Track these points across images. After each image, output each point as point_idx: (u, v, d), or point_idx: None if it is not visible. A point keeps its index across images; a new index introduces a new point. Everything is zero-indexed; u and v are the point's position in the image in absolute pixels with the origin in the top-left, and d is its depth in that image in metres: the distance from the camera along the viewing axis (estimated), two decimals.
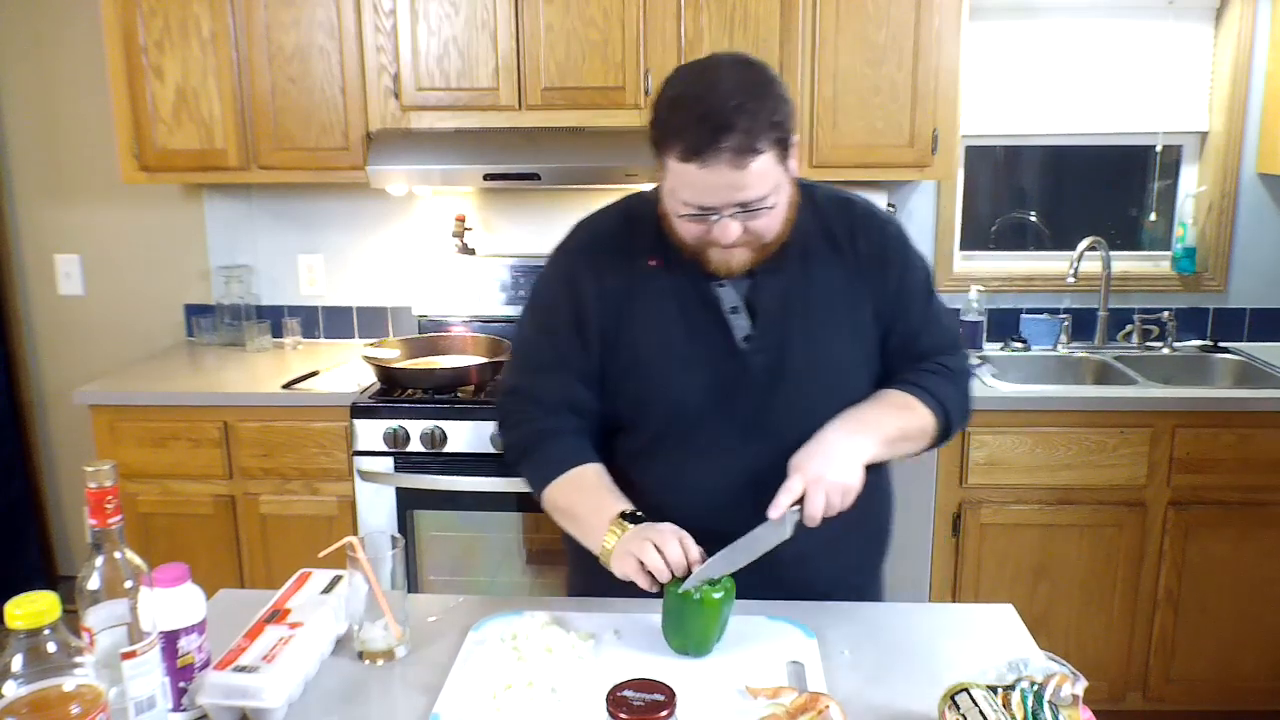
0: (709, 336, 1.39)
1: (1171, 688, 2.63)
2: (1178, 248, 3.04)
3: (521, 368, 1.49)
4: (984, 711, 1.00)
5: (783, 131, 1.25)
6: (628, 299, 1.41)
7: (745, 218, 1.28)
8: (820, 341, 1.40)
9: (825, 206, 1.44)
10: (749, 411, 1.39)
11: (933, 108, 2.64)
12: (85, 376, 2.95)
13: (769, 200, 1.27)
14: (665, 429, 1.41)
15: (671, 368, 1.39)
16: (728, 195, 1.25)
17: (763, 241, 1.33)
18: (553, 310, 1.45)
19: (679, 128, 1.24)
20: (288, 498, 2.61)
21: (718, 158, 1.21)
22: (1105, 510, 2.54)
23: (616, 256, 1.42)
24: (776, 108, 1.25)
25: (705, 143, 1.21)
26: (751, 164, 1.22)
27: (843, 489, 1.29)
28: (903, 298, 1.44)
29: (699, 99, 1.24)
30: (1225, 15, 2.94)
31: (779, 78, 1.29)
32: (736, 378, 1.39)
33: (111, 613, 1.02)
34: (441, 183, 2.77)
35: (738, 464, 1.39)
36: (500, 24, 2.63)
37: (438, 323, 3.02)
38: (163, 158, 2.76)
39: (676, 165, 1.25)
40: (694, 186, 1.26)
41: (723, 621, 1.25)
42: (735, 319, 1.39)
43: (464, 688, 1.18)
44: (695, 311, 1.39)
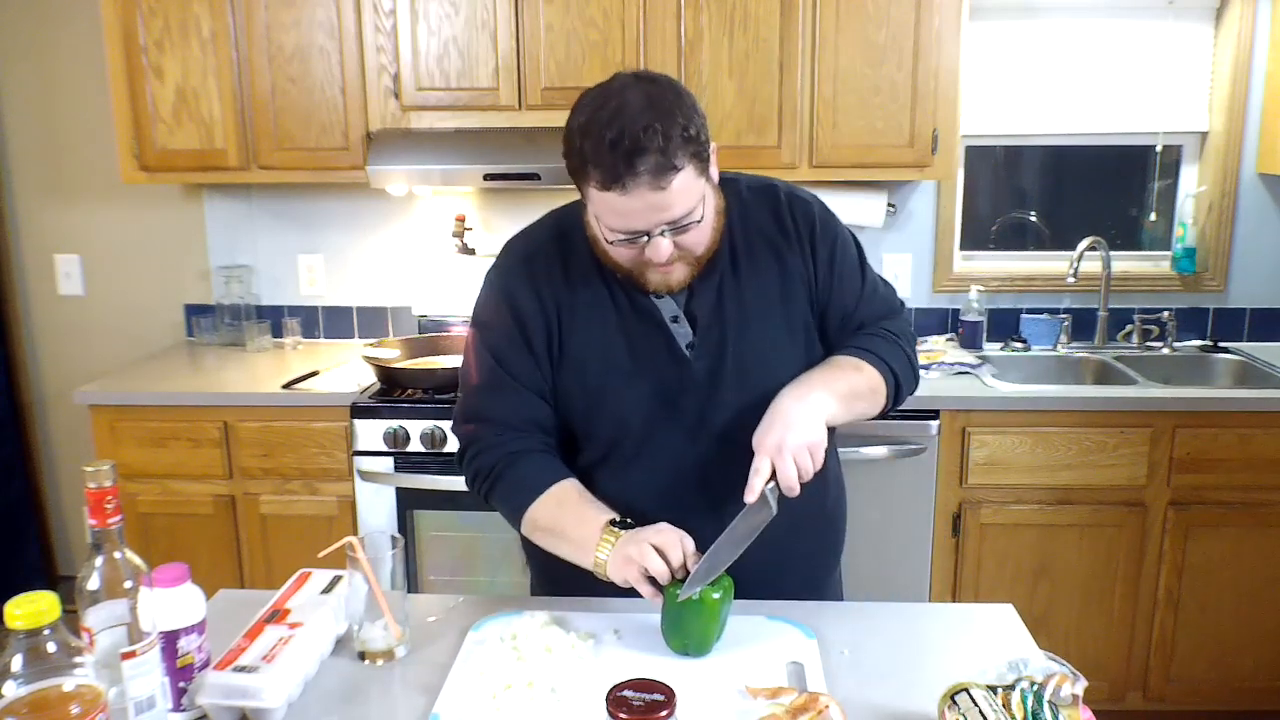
0: (652, 347, 1.39)
1: (1171, 688, 2.63)
2: (1178, 248, 3.04)
3: (476, 392, 1.45)
4: (984, 711, 1.00)
5: (697, 144, 1.24)
6: (568, 315, 1.40)
7: (675, 234, 1.27)
8: (759, 339, 1.40)
9: (749, 199, 1.44)
10: (696, 416, 1.39)
11: (933, 108, 2.64)
12: (85, 377, 2.96)
13: (695, 214, 1.27)
14: (614, 441, 1.42)
15: (618, 381, 1.39)
16: (653, 217, 1.24)
17: (696, 255, 1.33)
18: (497, 330, 1.42)
19: (593, 156, 1.22)
20: (288, 498, 2.61)
21: (636, 182, 1.20)
22: (1105, 510, 2.54)
23: (551, 272, 1.41)
24: (688, 121, 1.23)
25: (622, 169, 1.20)
26: (672, 182, 1.21)
27: (808, 447, 1.27)
28: (836, 276, 1.44)
29: (607, 124, 1.21)
30: (1225, 15, 2.94)
31: (686, 90, 1.28)
32: (682, 386, 1.39)
33: (111, 613, 1.02)
34: (441, 183, 2.77)
35: (688, 467, 1.40)
36: (500, 24, 2.63)
37: (438, 323, 3.02)
38: (163, 158, 2.76)
39: (597, 194, 1.24)
40: (619, 213, 1.25)
41: (722, 621, 1.25)
42: (676, 328, 1.39)
43: (464, 688, 1.18)
44: (635, 324, 1.39)
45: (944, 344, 2.96)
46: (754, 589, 1.38)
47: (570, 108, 1.33)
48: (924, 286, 3.09)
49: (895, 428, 2.51)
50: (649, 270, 1.32)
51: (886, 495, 2.54)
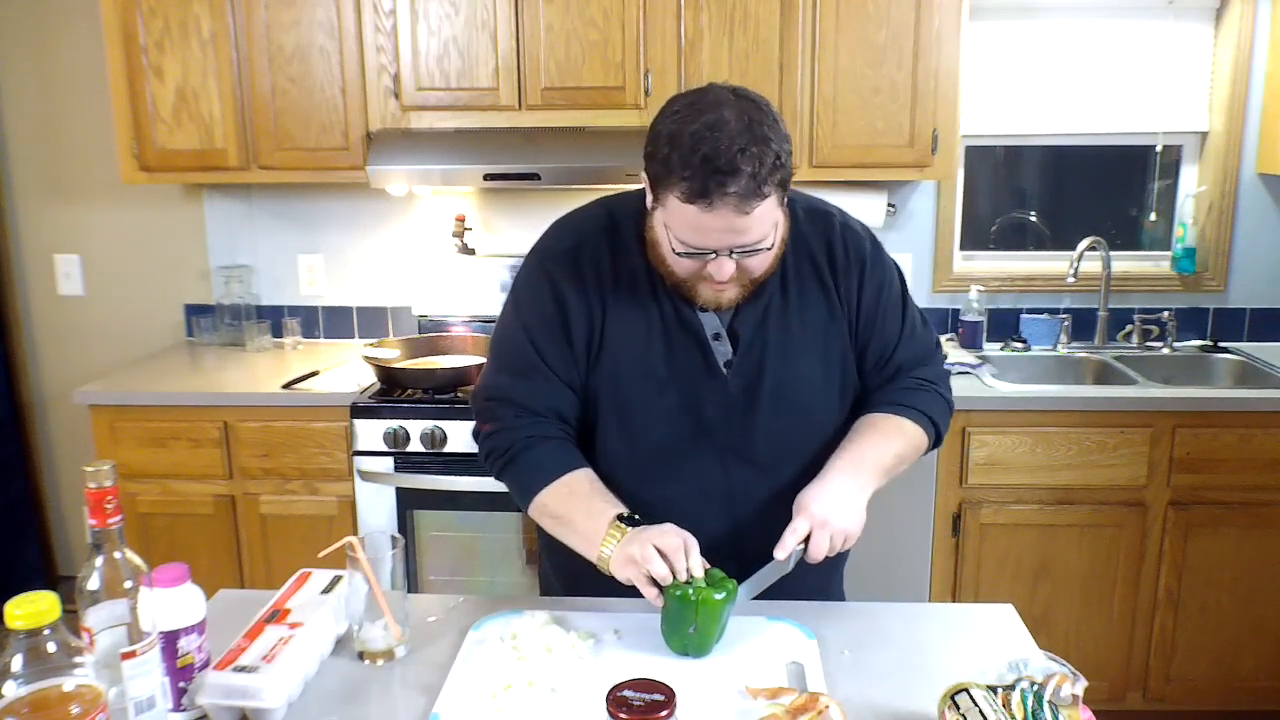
0: (689, 360, 1.38)
1: (1171, 688, 2.63)
2: (1178, 248, 3.04)
3: (504, 370, 1.43)
4: (984, 711, 1.00)
5: (785, 172, 1.23)
6: (610, 315, 1.38)
7: (741, 256, 1.27)
8: (798, 365, 1.39)
9: (803, 222, 1.42)
10: (728, 435, 1.39)
11: (933, 108, 2.64)
12: (85, 377, 2.96)
13: (767, 241, 1.27)
14: (641, 449, 1.41)
15: (649, 390, 1.38)
16: (729, 238, 1.23)
17: (753, 277, 1.32)
18: (536, 314, 1.40)
19: (681, 168, 1.20)
20: (288, 498, 2.61)
21: (724, 202, 1.19)
22: (1105, 510, 2.54)
23: (599, 268, 1.39)
24: (780, 149, 1.22)
25: (712, 187, 1.18)
26: (756, 209, 1.20)
27: (845, 533, 1.31)
28: (879, 315, 1.43)
29: (702, 139, 1.19)
30: (1225, 15, 2.94)
31: (778, 115, 1.27)
32: (715, 403, 1.38)
33: (111, 613, 1.02)
34: (441, 183, 2.77)
35: (715, 486, 1.40)
36: (500, 24, 2.63)
37: (438, 323, 3.02)
38: (163, 158, 2.76)
39: (678, 205, 1.22)
40: (696, 228, 1.23)
41: (723, 623, 1.25)
42: (717, 345, 1.38)
43: (464, 688, 1.18)
44: (677, 334, 1.38)
45: (944, 344, 2.96)
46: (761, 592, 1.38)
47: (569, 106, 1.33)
48: (924, 286, 3.09)
49: None
50: (702, 285, 1.31)
51: (886, 495, 2.50)
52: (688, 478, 1.40)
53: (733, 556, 1.36)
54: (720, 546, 1.35)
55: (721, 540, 1.37)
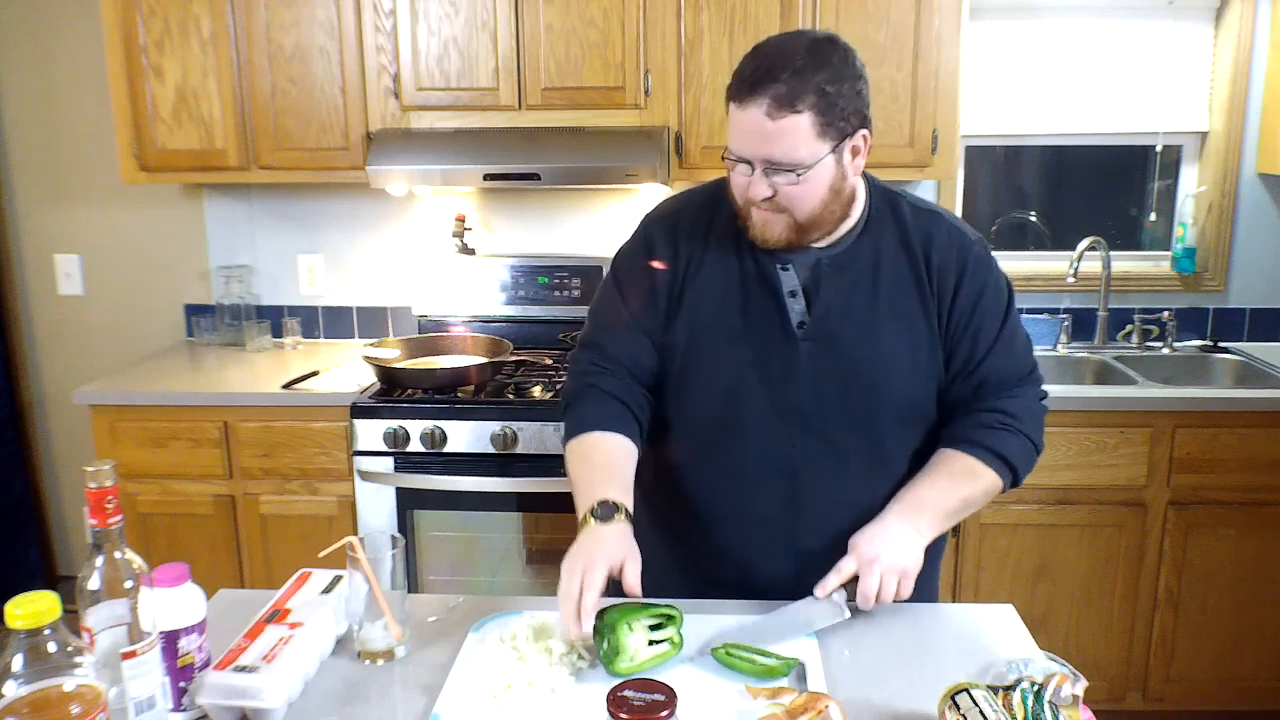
0: (764, 316, 1.39)
1: (1171, 688, 2.63)
2: (1178, 248, 3.04)
3: (594, 325, 1.52)
4: (984, 711, 1.00)
5: (831, 108, 1.25)
6: (695, 266, 1.43)
7: (775, 178, 1.28)
8: (875, 341, 1.38)
9: (907, 215, 1.43)
10: (794, 397, 1.39)
11: (933, 108, 2.64)
12: (85, 376, 2.96)
13: (798, 165, 1.27)
14: (708, 402, 1.42)
15: (721, 338, 1.41)
16: (758, 146, 1.27)
17: (795, 218, 1.32)
18: (628, 269, 1.49)
19: (738, 69, 1.28)
20: (288, 498, 2.61)
21: (755, 102, 1.24)
22: (1105, 510, 2.54)
23: (695, 228, 1.45)
24: (834, 85, 1.25)
25: (747, 86, 1.25)
26: (785, 119, 1.24)
27: (900, 571, 1.28)
28: (975, 319, 1.41)
29: (767, 52, 1.27)
30: (1225, 15, 2.94)
31: (856, 68, 1.29)
32: (785, 361, 1.39)
33: (111, 613, 1.02)
34: (441, 183, 2.77)
35: (776, 448, 1.39)
36: (500, 24, 2.63)
37: (438, 323, 3.02)
38: (163, 158, 2.76)
39: (729, 109, 1.29)
40: (734, 128, 1.29)
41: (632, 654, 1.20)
42: (793, 303, 1.39)
43: (464, 688, 1.18)
44: (754, 289, 1.40)
45: None
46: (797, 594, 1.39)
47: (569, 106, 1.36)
48: None
49: None
50: (752, 211, 1.34)
51: None
52: (750, 437, 1.40)
53: (789, 539, 1.38)
54: (776, 522, 1.37)
55: (779, 516, 1.38)
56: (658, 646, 1.22)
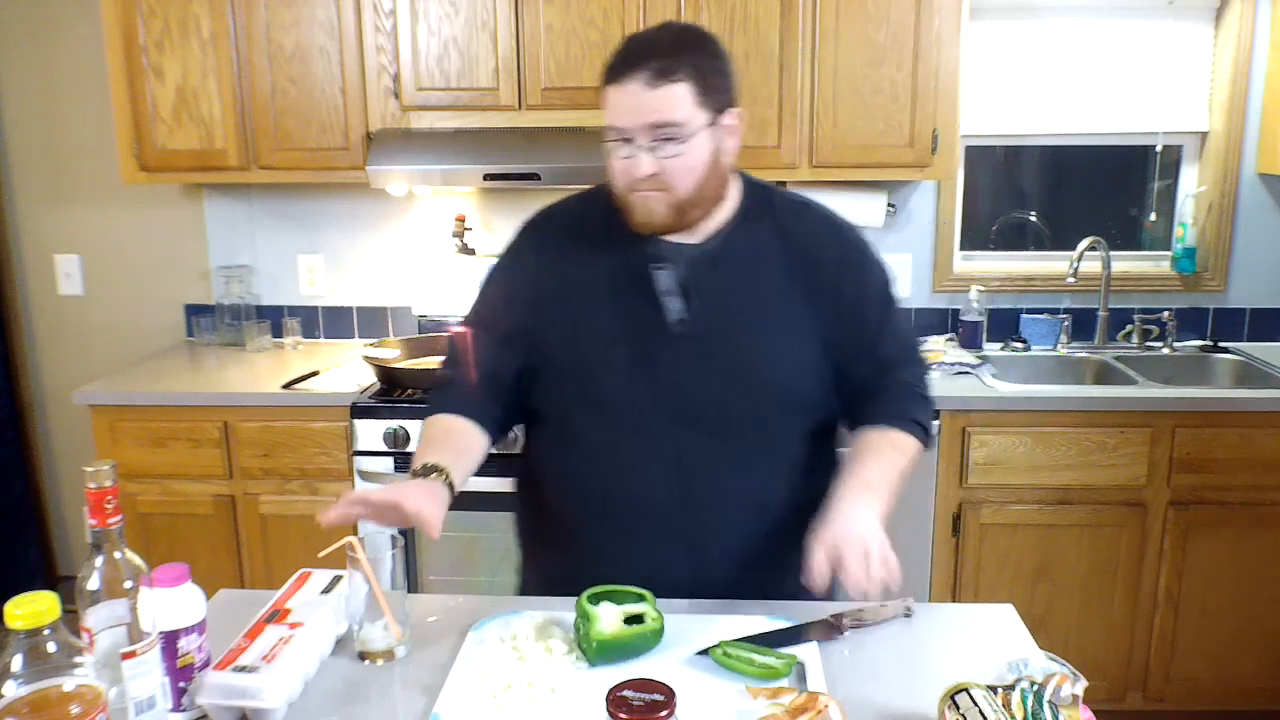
0: (640, 315, 1.40)
1: (1171, 688, 2.63)
2: (1178, 248, 3.04)
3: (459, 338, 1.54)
4: (984, 711, 1.00)
5: (705, 83, 1.31)
6: (568, 275, 1.44)
7: (657, 150, 1.30)
8: (754, 334, 1.40)
9: (780, 206, 1.46)
10: (677, 395, 1.39)
11: (933, 108, 2.64)
12: (85, 376, 2.96)
13: (680, 134, 1.30)
14: (588, 407, 1.43)
15: (599, 343, 1.41)
16: (639, 117, 1.30)
17: (678, 194, 1.34)
18: (494, 280, 1.53)
19: (611, 60, 1.33)
20: (288, 498, 2.61)
21: (633, 77, 1.29)
22: (1105, 510, 2.54)
23: (565, 235, 1.48)
24: (704, 58, 1.32)
25: (623, 65, 1.30)
26: (664, 88, 1.29)
27: (864, 541, 1.26)
28: (862, 304, 1.44)
29: (635, 38, 1.36)
30: (1225, 15, 2.94)
31: (725, 53, 1.37)
32: (666, 359, 1.39)
33: (111, 613, 1.02)
34: (441, 183, 2.77)
35: (664, 446, 1.40)
36: (500, 24, 2.63)
37: (438, 323, 3.02)
38: (163, 158, 2.76)
39: (604, 94, 1.33)
40: (612, 108, 1.32)
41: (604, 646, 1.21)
42: (669, 300, 1.40)
43: (464, 688, 1.18)
44: (629, 290, 1.41)
45: (944, 344, 2.96)
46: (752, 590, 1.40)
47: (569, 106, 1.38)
48: (924, 286, 3.09)
49: None
50: (634, 196, 1.35)
51: None
52: (638, 437, 1.41)
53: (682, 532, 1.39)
54: (670, 513, 1.39)
55: (671, 506, 1.40)
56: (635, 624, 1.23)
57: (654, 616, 1.25)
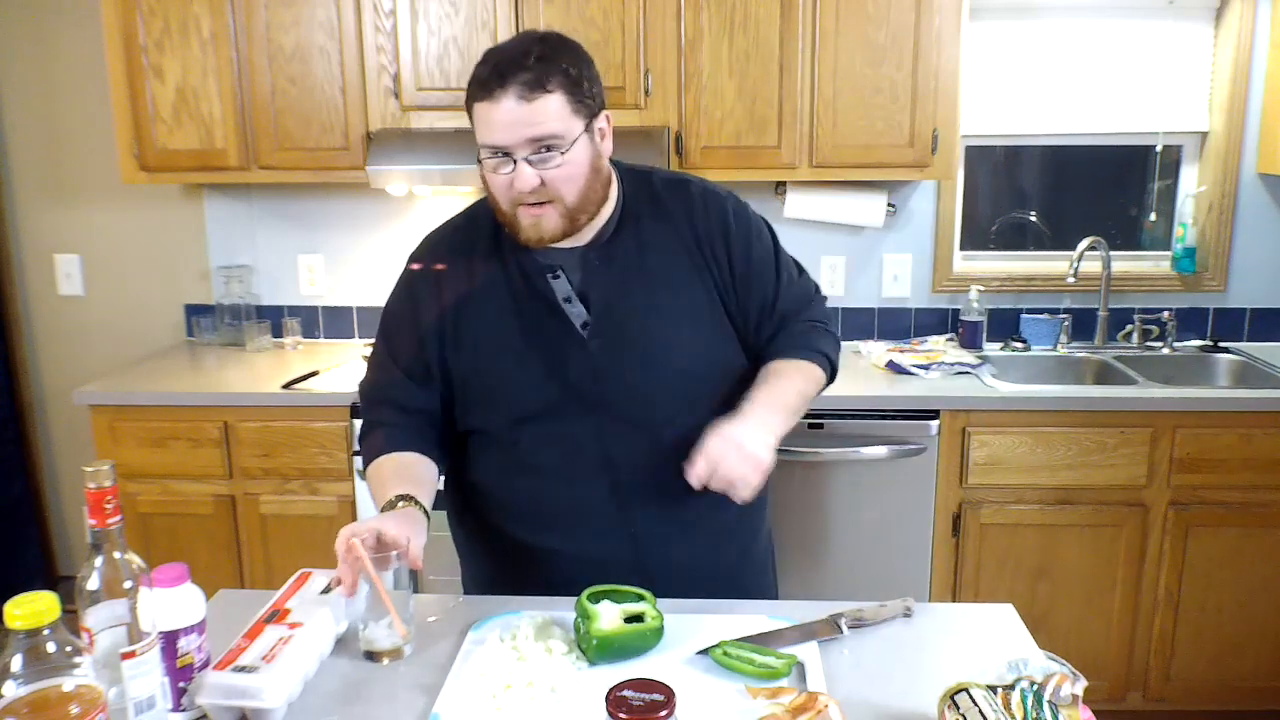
0: (546, 328, 1.41)
1: (1171, 688, 2.63)
2: (1178, 248, 3.04)
3: (371, 382, 1.53)
4: (984, 711, 1.00)
5: (577, 87, 1.30)
6: (465, 300, 1.44)
7: (539, 164, 1.30)
8: (659, 321, 1.42)
9: (660, 190, 1.47)
10: (595, 395, 1.41)
11: (933, 108, 2.64)
12: (85, 376, 2.96)
13: (561, 144, 1.30)
14: (513, 423, 1.43)
15: (509, 363, 1.42)
16: (517, 132, 1.28)
17: (565, 202, 1.34)
18: (390, 315, 1.52)
19: (475, 76, 1.31)
20: (288, 498, 2.61)
21: (505, 92, 1.27)
22: (1105, 510, 2.54)
23: (453, 260, 1.47)
24: (572, 65, 1.31)
25: (495, 80, 1.28)
26: (538, 100, 1.27)
27: (754, 461, 1.29)
28: (753, 270, 1.47)
29: (498, 51, 1.32)
30: (1225, 15, 2.94)
31: (588, 56, 1.36)
32: (579, 364, 1.40)
33: (111, 613, 1.02)
34: (441, 183, 2.77)
35: (592, 450, 1.42)
36: (500, 24, 2.63)
37: None
38: (163, 158, 2.76)
39: (475, 111, 1.31)
40: (487, 125, 1.30)
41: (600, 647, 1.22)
42: (570, 308, 1.41)
43: (464, 688, 1.18)
44: (530, 305, 1.41)
45: (944, 344, 2.96)
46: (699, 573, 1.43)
47: None
48: (924, 286, 3.09)
49: (895, 428, 2.51)
50: (520, 213, 1.34)
51: (886, 495, 2.54)
52: (565, 444, 1.42)
53: (621, 524, 1.41)
54: (606, 512, 1.41)
55: (606, 506, 1.42)
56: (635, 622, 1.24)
57: (654, 616, 1.25)
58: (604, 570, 1.36)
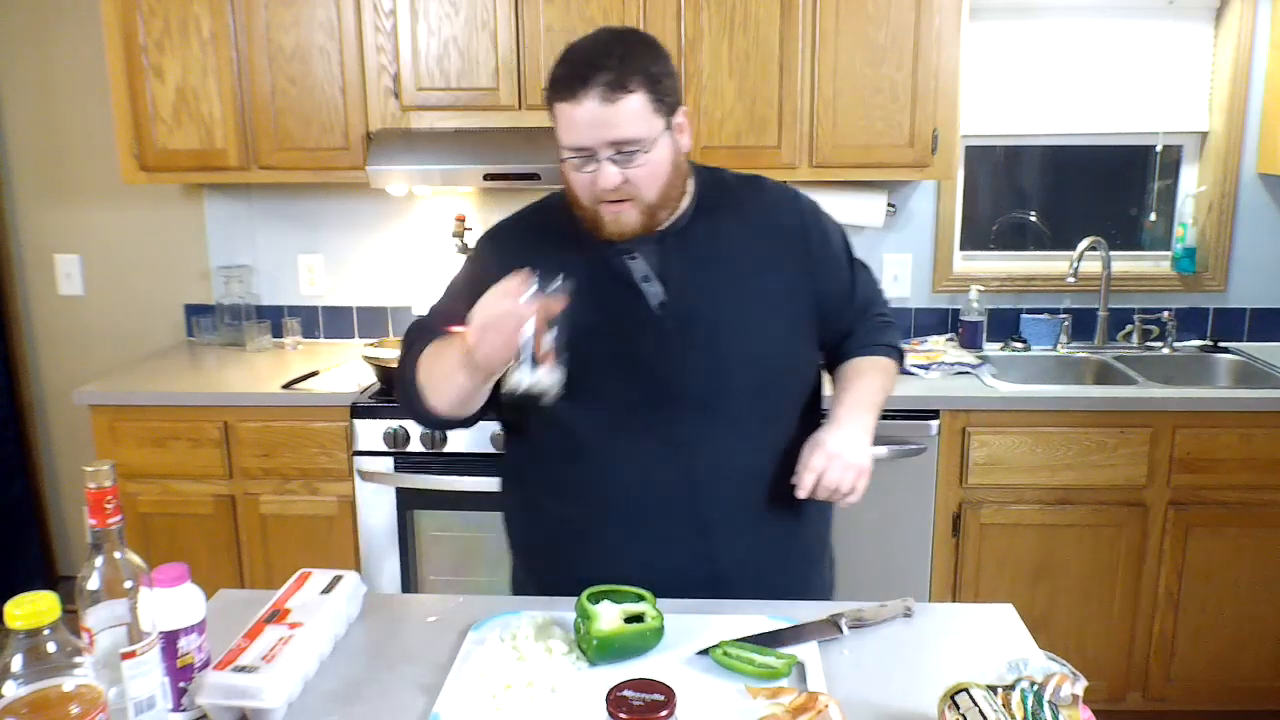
0: (620, 305, 1.41)
1: (1171, 688, 2.63)
2: (1178, 248, 3.04)
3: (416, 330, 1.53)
4: (984, 711, 1.00)
5: (657, 86, 1.32)
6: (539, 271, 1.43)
7: (622, 163, 1.31)
8: (734, 305, 1.43)
9: (734, 184, 1.51)
10: (667, 375, 1.41)
11: (933, 108, 2.64)
12: (85, 376, 2.96)
13: (643, 144, 1.31)
14: (585, 398, 1.41)
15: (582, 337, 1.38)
16: (600, 133, 1.30)
17: (646, 200, 1.35)
18: (460, 284, 1.51)
19: (555, 74, 1.33)
20: (288, 498, 2.61)
21: (588, 93, 1.28)
22: (1105, 510, 2.54)
23: (526, 242, 1.49)
24: (652, 63, 1.32)
25: (576, 82, 1.29)
26: (621, 101, 1.29)
27: (859, 469, 1.36)
28: (830, 260, 1.51)
29: (582, 49, 1.33)
30: (1225, 15, 2.94)
31: (665, 52, 1.37)
32: (652, 343, 1.41)
33: (111, 613, 1.02)
34: (441, 183, 2.77)
35: (664, 431, 1.41)
36: (500, 24, 2.63)
37: None
38: (163, 158, 2.76)
39: (556, 110, 1.32)
40: (569, 126, 1.31)
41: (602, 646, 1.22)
42: (648, 287, 1.42)
43: (464, 688, 1.18)
44: (605, 283, 1.41)
45: (944, 344, 2.96)
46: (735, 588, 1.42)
47: None
48: (924, 286, 3.09)
49: (895, 428, 2.51)
50: (602, 209, 1.36)
51: (886, 495, 2.54)
52: (636, 424, 1.41)
53: (691, 508, 1.40)
54: (677, 498, 1.40)
55: (677, 491, 1.41)
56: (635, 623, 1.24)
57: (654, 616, 1.25)
58: (667, 565, 1.38)
